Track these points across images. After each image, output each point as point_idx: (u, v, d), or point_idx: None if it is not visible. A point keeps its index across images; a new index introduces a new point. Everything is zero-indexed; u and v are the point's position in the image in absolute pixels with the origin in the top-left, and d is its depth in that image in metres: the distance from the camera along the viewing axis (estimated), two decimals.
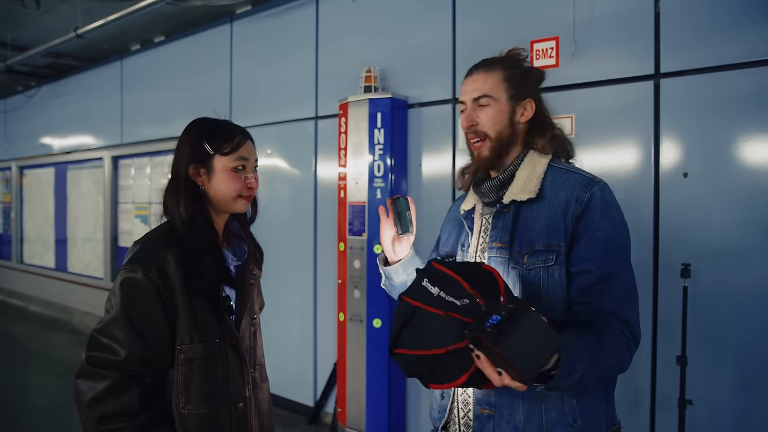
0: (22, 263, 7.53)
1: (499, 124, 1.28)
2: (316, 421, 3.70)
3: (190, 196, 1.30)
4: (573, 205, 1.19)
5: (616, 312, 1.13)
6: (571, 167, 1.29)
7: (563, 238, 1.18)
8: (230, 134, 1.33)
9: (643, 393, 2.39)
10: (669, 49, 2.33)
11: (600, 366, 1.06)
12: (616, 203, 1.24)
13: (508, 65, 1.31)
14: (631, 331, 1.13)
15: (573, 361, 1.00)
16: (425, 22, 3.16)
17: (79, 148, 6.28)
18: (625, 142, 2.44)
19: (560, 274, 1.17)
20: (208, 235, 1.30)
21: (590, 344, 1.06)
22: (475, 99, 1.29)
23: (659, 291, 2.35)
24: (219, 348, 1.30)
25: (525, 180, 1.25)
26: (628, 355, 1.13)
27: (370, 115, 3.14)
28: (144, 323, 1.23)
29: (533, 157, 1.29)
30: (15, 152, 7.56)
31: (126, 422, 1.20)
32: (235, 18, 4.31)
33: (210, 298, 1.29)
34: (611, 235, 1.17)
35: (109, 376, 1.20)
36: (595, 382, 1.08)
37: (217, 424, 1.29)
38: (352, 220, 3.22)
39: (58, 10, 4.56)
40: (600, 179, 1.25)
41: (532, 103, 1.30)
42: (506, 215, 1.26)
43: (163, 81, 5.10)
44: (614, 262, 1.16)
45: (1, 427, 3.64)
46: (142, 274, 1.22)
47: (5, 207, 8.03)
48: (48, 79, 6.70)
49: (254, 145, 1.40)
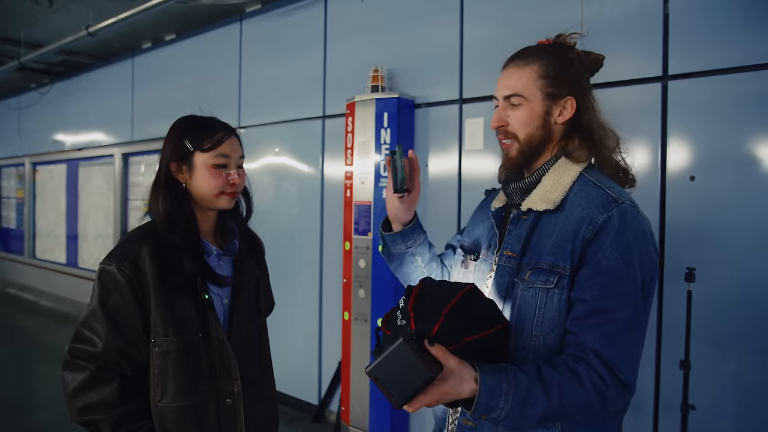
0: (35, 258, 7.62)
1: (530, 126, 1.15)
2: (321, 420, 3.71)
3: (170, 194, 1.32)
4: (585, 226, 1.06)
5: (597, 350, 1.01)
6: (602, 181, 1.12)
7: (569, 260, 1.06)
8: (211, 131, 1.33)
9: (647, 398, 2.37)
10: (677, 51, 2.31)
11: (540, 407, 0.98)
12: (640, 232, 1.07)
13: (548, 57, 1.15)
14: (611, 375, 1.00)
15: (493, 397, 0.96)
16: (433, 22, 3.15)
17: (91, 145, 6.34)
18: (632, 144, 2.42)
19: (560, 299, 1.06)
20: (186, 231, 1.31)
21: (531, 383, 0.98)
22: (506, 97, 1.17)
23: (664, 295, 2.34)
24: (202, 342, 1.31)
25: (548, 189, 1.13)
26: (597, 399, 1.00)
27: (377, 115, 3.14)
28: (119, 315, 1.25)
29: (563, 163, 1.15)
30: (28, 148, 7.65)
31: (105, 414, 1.22)
32: (245, 17, 4.32)
33: (189, 293, 1.29)
34: (618, 266, 1.03)
35: (88, 368, 1.24)
36: (540, 422, 1.02)
37: (198, 419, 1.29)
38: (358, 219, 3.22)
39: (71, 8, 4.61)
40: (626, 200, 1.08)
41: (573, 101, 1.15)
42: (523, 223, 1.15)
43: (174, 79, 5.13)
44: (615, 297, 1.02)
45: (10, 417, 3.70)
46: (115, 267, 1.25)
47: (18, 203, 8.12)
48: (60, 77, 6.77)
49: (240, 141, 1.40)
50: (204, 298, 1.31)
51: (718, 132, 2.22)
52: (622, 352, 1.02)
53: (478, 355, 1.01)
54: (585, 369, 1.00)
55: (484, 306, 1.08)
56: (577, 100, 1.15)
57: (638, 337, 1.07)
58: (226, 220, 1.47)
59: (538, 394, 0.98)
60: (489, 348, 1.05)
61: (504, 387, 0.97)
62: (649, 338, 2.36)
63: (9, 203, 8.45)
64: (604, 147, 1.17)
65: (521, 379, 0.98)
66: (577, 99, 1.15)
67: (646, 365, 2.37)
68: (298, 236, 3.92)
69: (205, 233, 1.40)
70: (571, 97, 1.15)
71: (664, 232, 2.34)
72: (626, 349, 1.03)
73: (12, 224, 8.29)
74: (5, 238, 8.47)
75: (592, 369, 1.00)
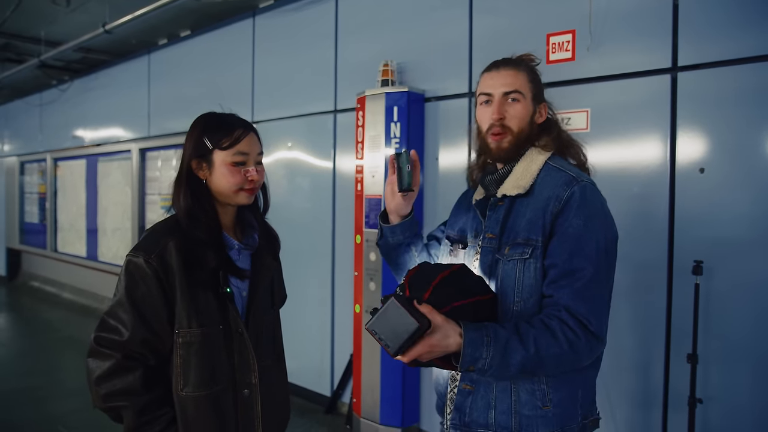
0: (56, 252, 7.78)
1: (524, 121, 1.32)
2: (333, 411, 3.76)
3: (191, 190, 1.36)
4: (553, 202, 1.23)
5: (568, 306, 1.16)
6: (564, 166, 1.31)
7: (540, 232, 1.23)
8: (230, 129, 1.36)
9: (656, 391, 2.37)
10: (687, 41, 2.28)
11: (518, 355, 1.11)
12: (599, 204, 1.26)
13: (530, 68, 1.36)
14: (582, 326, 1.15)
15: (476, 348, 1.10)
16: (443, 16, 3.15)
17: (109, 141, 6.45)
18: (641, 136, 2.40)
19: (536, 267, 1.22)
20: (208, 227, 1.35)
21: (509, 336, 1.12)
22: (506, 93, 1.32)
23: (674, 288, 2.33)
24: (222, 335, 1.35)
25: (518, 176, 1.30)
26: (570, 350, 1.14)
27: (386, 109, 3.15)
28: (145, 306, 1.29)
29: (531, 153, 1.33)
30: (50, 144, 7.80)
31: (128, 401, 1.27)
32: (258, 12, 4.36)
33: (212, 286, 1.33)
34: (582, 233, 1.20)
35: (113, 356, 1.27)
36: (521, 371, 1.14)
37: (217, 408, 1.33)
38: (369, 213, 3.25)
39: (88, 6, 4.69)
40: (585, 179, 1.27)
41: (546, 106, 1.37)
42: (500, 208, 1.32)
43: (189, 74, 5.19)
44: (581, 258, 1.18)
45: (33, 406, 3.81)
46: (143, 259, 1.29)
47: (41, 198, 8.30)
48: (80, 74, 6.89)
49: (258, 138, 1.42)
50: (225, 291, 1.35)
51: (729, 123, 2.20)
52: (589, 305, 1.17)
53: (466, 319, 1.15)
54: (557, 323, 1.15)
55: (473, 280, 1.24)
56: (548, 107, 1.38)
57: (603, 293, 1.22)
58: (245, 214, 1.50)
59: (516, 345, 1.12)
60: (478, 314, 1.18)
61: (485, 339, 1.11)
62: (658, 332, 2.36)
63: (32, 198, 8.63)
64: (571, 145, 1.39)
65: (500, 333, 1.13)
66: (548, 106, 1.38)
67: (656, 359, 2.37)
68: (310, 229, 3.96)
69: (226, 227, 1.44)
70: (545, 103, 1.38)
71: (673, 225, 2.32)
72: (593, 303, 1.18)
73: (35, 219, 8.47)
74: (29, 232, 8.66)
75: (564, 323, 1.15)
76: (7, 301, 7.91)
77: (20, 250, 8.97)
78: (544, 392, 1.22)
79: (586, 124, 2.54)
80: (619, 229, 1.31)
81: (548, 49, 2.64)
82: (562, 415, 1.23)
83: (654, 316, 2.38)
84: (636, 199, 2.41)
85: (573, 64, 2.58)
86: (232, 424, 1.35)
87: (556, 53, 2.63)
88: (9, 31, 5.58)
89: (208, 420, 1.32)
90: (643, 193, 2.39)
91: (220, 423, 1.33)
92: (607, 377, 2.50)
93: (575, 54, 2.57)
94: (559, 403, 1.23)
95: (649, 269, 2.38)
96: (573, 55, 2.58)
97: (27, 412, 3.75)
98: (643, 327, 2.41)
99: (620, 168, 2.45)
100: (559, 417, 1.22)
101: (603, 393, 2.47)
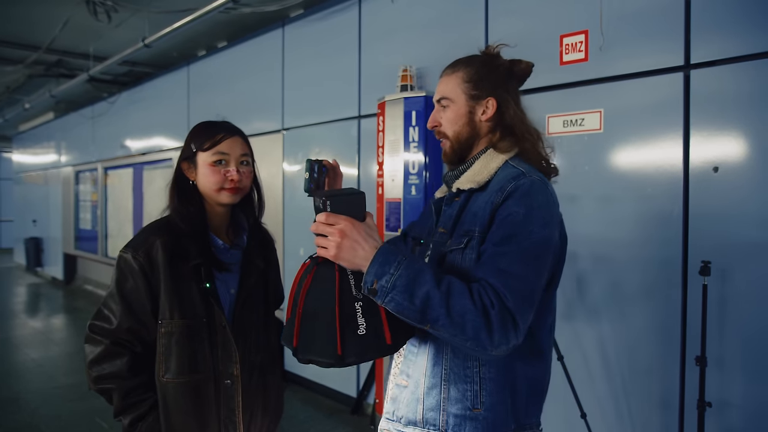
0: (107, 256, 8.16)
1: (456, 124, 1.31)
2: (359, 412, 3.81)
3: (180, 190, 1.47)
4: (496, 194, 1.19)
5: (486, 278, 1.07)
6: (521, 165, 1.26)
7: (479, 223, 1.18)
8: (212, 133, 1.45)
9: (672, 394, 2.32)
10: (699, 38, 2.24)
11: (425, 288, 1.03)
12: (545, 200, 1.18)
13: (473, 65, 1.32)
14: (498, 298, 1.04)
15: (387, 263, 1.05)
16: (459, 20, 3.18)
17: (152, 150, 6.75)
18: (655, 135, 2.37)
19: (470, 258, 1.17)
20: (192, 222, 1.44)
21: (424, 267, 1.06)
22: (437, 101, 1.34)
23: (689, 289, 2.28)
24: (206, 327, 1.43)
25: (476, 172, 1.28)
26: (481, 314, 1.03)
27: (405, 114, 3.20)
28: (132, 298, 1.40)
29: (490, 154, 1.30)
30: (100, 154, 8.21)
31: (115, 383, 1.39)
32: (287, 22, 4.50)
33: (195, 281, 1.42)
34: (520, 221, 1.12)
35: (103, 342, 1.40)
36: (423, 311, 1.03)
37: (197, 396, 1.41)
38: (389, 216, 3.30)
39: (130, 22, 4.95)
40: (537, 176, 1.21)
41: (494, 101, 1.29)
42: (455, 203, 1.29)
43: (225, 84, 5.39)
44: (513, 244, 1.11)
45: (77, 401, 4.03)
46: (131, 255, 1.40)
47: (93, 205, 8.73)
48: (127, 86, 7.24)
49: (245, 142, 1.51)
50: (206, 286, 1.43)
51: (744, 121, 2.14)
52: (511, 284, 1.06)
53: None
54: (476, 286, 1.06)
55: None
56: (498, 100, 1.29)
57: (529, 283, 1.10)
58: (238, 216, 1.59)
59: (428, 278, 1.04)
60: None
61: (399, 257, 1.06)
62: (672, 334, 2.31)
63: (85, 206, 9.09)
64: (525, 140, 1.30)
65: (417, 261, 1.08)
66: (498, 99, 1.29)
67: (671, 361, 2.32)
68: None
69: (216, 228, 1.52)
70: (491, 98, 1.29)
71: (687, 225, 2.28)
72: (515, 283, 1.07)
73: (88, 225, 8.92)
74: (83, 238, 9.12)
75: (482, 289, 1.05)
76: (62, 303, 8.35)
77: (75, 255, 9.46)
78: (477, 393, 1.18)
79: (599, 124, 2.52)
80: (633, 229, 1.27)
81: (562, 50, 2.64)
82: (493, 420, 1.18)
83: (669, 318, 2.33)
84: (649, 200, 2.37)
85: (586, 64, 2.56)
86: (212, 411, 1.43)
87: (570, 54, 2.62)
88: (61, 48, 5.94)
89: (187, 406, 1.40)
90: (656, 194, 2.35)
91: (199, 409, 1.41)
92: (623, 377, 2.47)
93: (588, 54, 2.56)
94: (491, 407, 1.18)
95: (664, 270, 2.33)
96: (586, 56, 2.57)
97: (71, 406, 3.98)
98: (658, 328, 2.37)
99: (634, 168, 2.42)
100: (490, 422, 1.18)
101: (620, 393, 2.44)
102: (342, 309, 1.07)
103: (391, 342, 1.10)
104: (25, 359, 5.22)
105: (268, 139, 4.71)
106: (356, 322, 1.08)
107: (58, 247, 9.92)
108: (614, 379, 2.50)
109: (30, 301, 8.62)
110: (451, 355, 1.21)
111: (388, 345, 1.10)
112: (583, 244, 2.57)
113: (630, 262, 2.43)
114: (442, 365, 1.22)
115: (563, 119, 2.65)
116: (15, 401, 4.09)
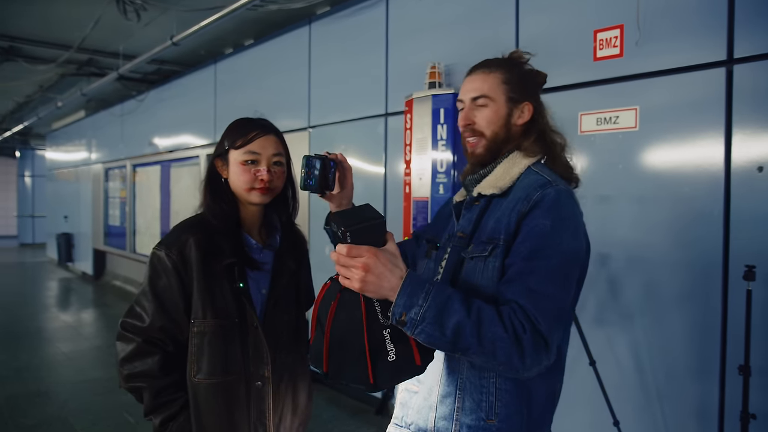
0: (135, 253, 8.28)
1: (495, 124, 1.28)
2: (383, 412, 3.78)
3: (213, 187, 1.45)
4: (522, 202, 1.17)
5: (517, 300, 1.05)
6: (544, 171, 1.24)
7: (504, 231, 1.16)
8: (246, 131, 1.42)
9: (711, 403, 2.23)
10: (744, 31, 2.15)
11: (456, 317, 1.00)
12: (571, 211, 1.16)
13: (508, 67, 1.31)
14: (530, 322, 1.02)
15: (415, 293, 1.01)
16: (489, 17, 3.12)
17: (180, 147, 6.81)
18: (694, 133, 2.28)
19: (494, 266, 1.14)
20: (225, 220, 1.42)
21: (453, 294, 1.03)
22: (473, 99, 1.30)
23: (729, 295, 2.19)
24: (238, 327, 1.40)
25: (498, 177, 1.26)
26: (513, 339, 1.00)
27: (433, 111, 3.16)
28: (165, 296, 1.38)
29: (515, 157, 1.28)
30: (129, 152, 8.33)
31: (147, 382, 1.37)
32: (314, 19, 4.48)
33: (228, 281, 1.39)
34: (548, 234, 1.10)
35: (135, 340, 1.38)
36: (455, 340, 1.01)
37: (228, 397, 1.39)
38: (416, 215, 3.25)
39: (159, 21, 4.99)
40: (563, 186, 1.19)
41: (530, 106, 1.29)
42: (475, 208, 1.28)
43: (251, 82, 5.39)
44: (542, 259, 1.08)
45: (105, 395, 4.08)
46: (164, 253, 1.38)
47: (121, 202, 8.87)
48: (155, 85, 7.33)
49: (279, 140, 1.47)
50: (239, 286, 1.41)
51: None
52: (542, 306, 1.04)
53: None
54: (507, 310, 1.04)
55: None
56: (534, 105, 1.30)
57: (559, 302, 1.09)
58: (271, 216, 1.56)
59: (457, 306, 1.02)
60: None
61: (427, 286, 1.03)
62: (712, 342, 2.23)
63: (114, 202, 9.24)
64: (555, 146, 1.31)
65: (444, 288, 1.05)
66: (534, 104, 1.30)
67: (711, 369, 2.23)
68: None
69: (249, 227, 1.50)
70: (528, 103, 1.29)
71: (728, 227, 2.18)
72: (546, 304, 1.05)
73: (117, 222, 9.06)
74: (112, 234, 9.27)
75: (513, 312, 1.03)
76: (92, 298, 8.50)
77: (104, 251, 9.62)
78: (492, 404, 1.15)
79: (635, 122, 2.43)
80: (671, 232, 1.24)
81: (595, 45, 2.55)
82: (507, 431, 1.15)
83: (709, 324, 2.24)
84: (688, 201, 2.28)
85: (621, 60, 2.48)
86: (243, 412, 1.41)
87: (604, 50, 2.53)
88: (91, 47, 6.03)
89: (218, 406, 1.38)
90: (695, 194, 2.26)
91: (229, 410, 1.39)
92: (660, 385, 2.38)
93: (623, 50, 2.47)
94: (505, 419, 1.15)
95: (702, 274, 2.24)
96: (621, 51, 2.48)
97: (99, 400, 4.03)
98: (697, 335, 2.28)
99: (671, 168, 2.34)
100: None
101: (655, 401, 2.36)
102: (371, 339, 1.05)
103: (420, 363, 1.09)
104: (55, 352, 5.32)
105: (294, 137, 4.70)
106: (386, 349, 1.06)
107: (88, 243, 10.10)
108: (649, 386, 2.41)
109: (61, 295, 8.80)
110: (468, 365, 1.19)
111: (418, 366, 1.09)
112: (616, 246, 2.48)
113: (665, 265, 2.34)
114: (458, 374, 1.19)
115: (597, 117, 2.56)
116: (45, 394, 4.16)
